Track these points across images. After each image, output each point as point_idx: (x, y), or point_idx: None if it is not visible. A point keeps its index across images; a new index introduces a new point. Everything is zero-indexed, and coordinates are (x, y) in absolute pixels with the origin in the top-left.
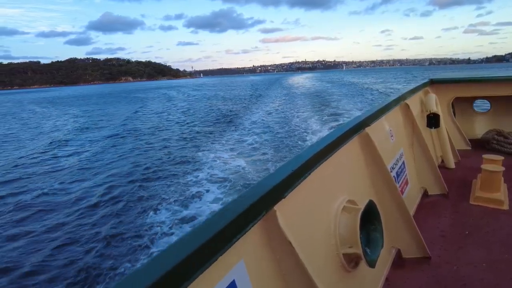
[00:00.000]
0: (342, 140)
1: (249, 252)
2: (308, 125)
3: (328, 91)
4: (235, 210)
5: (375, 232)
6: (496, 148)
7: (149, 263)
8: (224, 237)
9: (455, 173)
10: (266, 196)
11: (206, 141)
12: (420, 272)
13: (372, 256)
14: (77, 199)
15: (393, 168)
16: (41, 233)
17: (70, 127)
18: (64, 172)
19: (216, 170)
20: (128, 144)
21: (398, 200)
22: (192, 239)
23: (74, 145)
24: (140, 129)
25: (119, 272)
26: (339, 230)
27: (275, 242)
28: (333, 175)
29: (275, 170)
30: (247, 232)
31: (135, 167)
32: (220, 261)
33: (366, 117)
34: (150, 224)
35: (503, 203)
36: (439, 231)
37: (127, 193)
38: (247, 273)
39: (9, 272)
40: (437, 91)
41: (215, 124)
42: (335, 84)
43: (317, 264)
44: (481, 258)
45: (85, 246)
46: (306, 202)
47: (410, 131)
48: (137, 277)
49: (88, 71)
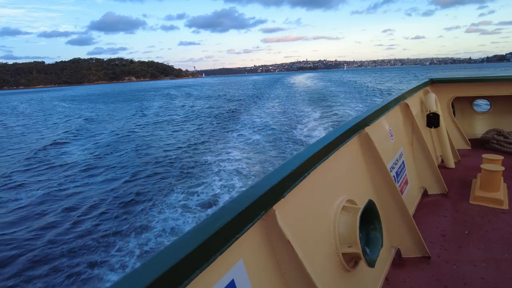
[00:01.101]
0: (342, 139)
1: (248, 252)
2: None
3: (327, 88)
4: (234, 210)
5: (375, 231)
6: (496, 148)
7: (148, 263)
8: (223, 237)
9: (455, 173)
10: (265, 196)
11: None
12: (420, 272)
13: (372, 256)
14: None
15: (393, 167)
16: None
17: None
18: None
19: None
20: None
21: (398, 200)
22: (191, 238)
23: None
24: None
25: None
26: (339, 229)
27: (274, 241)
28: (333, 175)
29: (274, 170)
30: (246, 232)
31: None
32: (219, 260)
33: (365, 117)
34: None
35: (502, 202)
36: (439, 230)
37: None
38: (246, 273)
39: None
40: (437, 90)
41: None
42: (332, 82)
43: (317, 263)
44: (481, 257)
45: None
46: (306, 201)
47: (410, 131)
48: (136, 276)
49: (92, 71)
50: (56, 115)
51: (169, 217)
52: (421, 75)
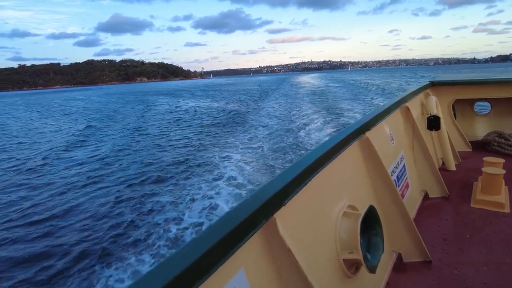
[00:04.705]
0: (342, 145)
1: (250, 261)
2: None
3: (328, 85)
4: (235, 219)
5: (376, 237)
6: (497, 150)
7: (148, 275)
8: (224, 246)
9: (456, 175)
10: (266, 205)
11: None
12: (421, 276)
13: (373, 261)
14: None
15: (393, 171)
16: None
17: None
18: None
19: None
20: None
21: (399, 204)
22: (192, 249)
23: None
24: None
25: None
26: (340, 235)
27: (275, 250)
28: (333, 181)
29: (274, 178)
30: (248, 241)
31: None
32: (220, 270)
33: (366, 121)
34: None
35: (504, 205)
36: (440, 234)
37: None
38: (248, 282)
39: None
40: (438, 93)
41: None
42: (331, 81)
43: (318, 270)
44: (482, 261)
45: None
46: (306, 209)
47: (411, 134)
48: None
49: (105, 72)
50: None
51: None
52: (410, 75)
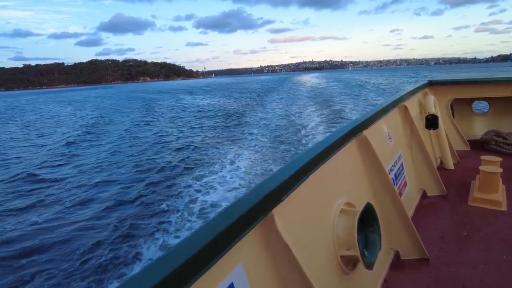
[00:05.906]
0: (340, 143)
1: (248, 256)
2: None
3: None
4: (233, 215)
5: (373, 234)
6: (494, 149)
7: (147, 268)
8: (222, 241)
9: (454, 174)
10: (264, 200)
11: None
12: (418, 274)
13: (370, 258)
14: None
15: (391, 170)
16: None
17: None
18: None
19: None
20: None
21: (397, 202)
22: (190, 243)
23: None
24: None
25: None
26: (337, 232)
27: (273, 245)
28: (331, 178)
29: (272, 174)
30: (246, 236)
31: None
32: (218, 264)
33: (364, 120)
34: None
35: (501, 204)
36: (437, 232)
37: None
38: (246, 277)
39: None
40: (436, 92)
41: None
42: (330, 80)
43: (315, 266)
44: (480, 259)
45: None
46: (304, 205)
47: (409, 133)
48: (135, 282)
49: (109, 71)
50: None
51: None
52: (412, 74)
